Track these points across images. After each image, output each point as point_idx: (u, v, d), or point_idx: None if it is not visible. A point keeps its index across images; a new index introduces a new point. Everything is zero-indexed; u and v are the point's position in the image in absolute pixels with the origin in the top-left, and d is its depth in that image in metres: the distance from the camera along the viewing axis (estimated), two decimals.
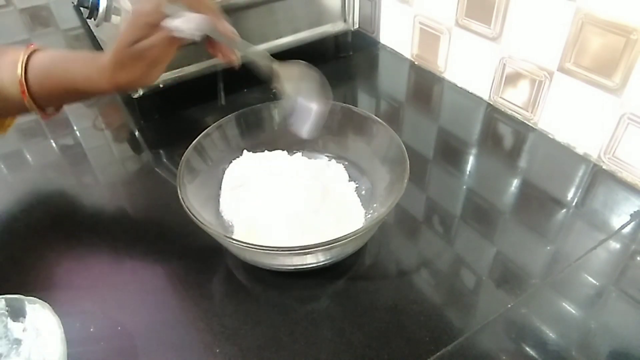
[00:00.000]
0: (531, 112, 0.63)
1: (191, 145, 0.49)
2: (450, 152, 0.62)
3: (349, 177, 0.54)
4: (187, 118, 0.70)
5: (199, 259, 0.48)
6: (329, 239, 0.39)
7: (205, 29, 0.42)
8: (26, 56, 0.46)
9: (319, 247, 0.40)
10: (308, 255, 0.43)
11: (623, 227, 0.50)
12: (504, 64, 0.64)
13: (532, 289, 0.44)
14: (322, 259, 0.44)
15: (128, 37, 0.42)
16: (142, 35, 0.42)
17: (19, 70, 0.45)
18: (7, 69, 0.46)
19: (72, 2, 0.94)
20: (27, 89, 0.46)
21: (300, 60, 0.48)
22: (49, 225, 0.54)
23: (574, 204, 0.53)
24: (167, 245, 0.50)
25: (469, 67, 0.70)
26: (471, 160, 0.60)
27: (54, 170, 0.62)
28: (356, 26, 0.79)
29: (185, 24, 0.41)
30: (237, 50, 0.45)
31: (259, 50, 0.46)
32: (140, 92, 0.65)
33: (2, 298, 0.38)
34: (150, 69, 0.44)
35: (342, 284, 0.46)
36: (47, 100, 0.48)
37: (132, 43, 0.42)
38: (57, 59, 0.47)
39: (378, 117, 0.51)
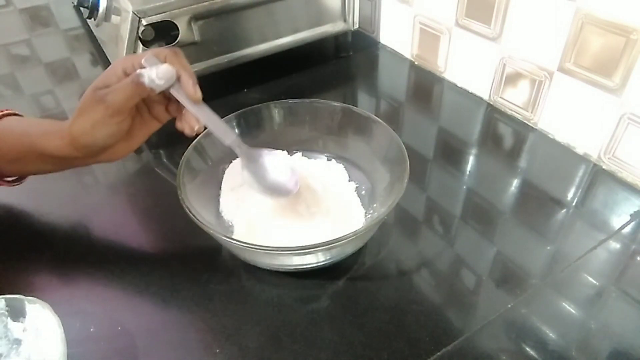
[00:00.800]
0: (531, 112, 0.63)
1: (191, 145, 0.49)
2: (450, 152, 0.62)
3: (349, 177, 0.54)
4: None
5: (199, 259, 0.48)
6: (329, 239, 0.39)
7: (169, 80, 0.40)
8: None
9: (319, 247, 0.40)
10: (308, 255, 0.43)
11: (623, 227, 0.50)
12: (504, 64, 0.64)
13: (532, 289, 0.44)
14: (322, 259, 0.44)
15: (98, 81, 0.41)
16: (112, 81, 0.41)
17: None
18: None
19: (72, 2, 0.94)
20: None
21: (274, 150, 0.46)
22: (48, 225, 0.54)
23: (574, 204, 0.53)
24: (167, 245, 0.50)
25: (469, 67, 0.70)
26: (471, 160, 0.60)
27: None
28: (356, 26, 0.79)
29: (151, 70, 0.40)
30: (198, 117, 0.43)
31: (222, 123, 0.44)
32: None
33: (2, 298, 0.38)
34: (107, 118, 0.40)
35: (342, 284, 0.46)
36: (4, 161, 0.46)
37: (100, 88, 0.40)
38: (24, 121, 0.46)
39: (378, 117, 0.51)
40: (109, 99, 0.40)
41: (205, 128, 0.44)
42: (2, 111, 0.47)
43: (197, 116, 0.42)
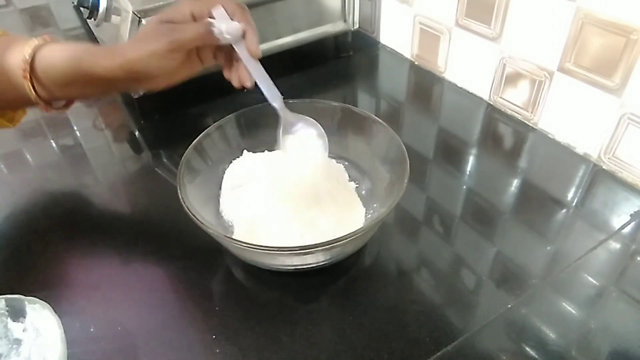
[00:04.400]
0: (531, 112, 0.63)
1: (191, 145, 0.49)
2: (450, 152, 0.62)
3: (349, 177, 0.54)
4: (187, 118, 0.70)
5: (199, 259, 0.48)
6: (329, 239, 0.39)
7: (236, 35, 0.43)
8: (39, 43, 0.44)
9: (319, 247, 0.40)
10: (308, 255, 0.43)
11: (623, 227, 0.50)
12: (504, 64, 0.64)
13: (532, 289, 0.44)
14: (322, 259, 0.44)
15: (163, 15, 0.43)
16: (177, 18, 0.42)
17: (26, 54, 0.43)
18: (17, 55, 0.44)
19: (72, 2, 0.94)
20: (31, 73, 0.44)
21: (309, 118, 0.48)
22: (49, 225, 0.54)
23: (574, 204, 0.53)
24: (167, 245, 0.50)
25: (469, 67, 0.70)
26: (471, 160, 0.60)
27: (54, 170, 0.62)
28: (356, 26, 0.79)
29: (220, 23, 0.42)
30: (252, 76, 0.45)
31: (272, 84, 0.46)
32: (141, 92, 0.65)
33: (2, 298, 0.38)
34: (166, 52, 0.41)
35: (342, 284, 0.46)
36: (51, 87, 0.45)
37: (165, 21, 0.42)
38: (69, 46, 0.45)
39: (378, 117, 0.51)
40: (176, 35, 0.41)
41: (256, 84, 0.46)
42: (44, 37, 0.46)
43: (252, 73, 0.45)
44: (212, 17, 0.43)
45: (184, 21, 0.43)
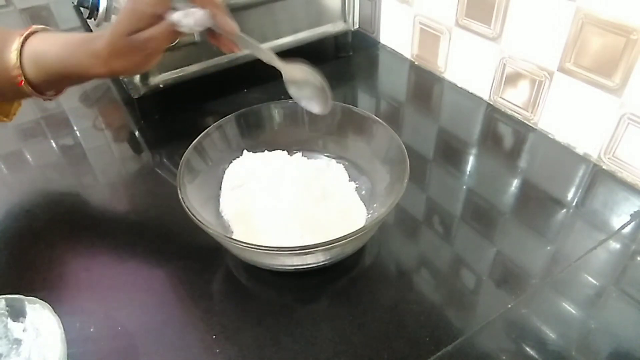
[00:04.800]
0: (531, 112, 0.63)
1: (191, 145, 0.49)
2: (450, 152, 0.62)
3: (349, 177, 0.54)
4: (187, 118, 0.70)
5: (199, 259, 0.48)
6: (329, 239, 0.39)
7: (206, 25, 0.42)
8: (21, 43, 0.45)
9: (319, 247, 0.40)
10: (308, 255, 0.43)
11: (623, 227, 0.50)
12: (504, 64, 0.64)
13: (532, 289, 0.44)
14: (322, 259, 0.44)
15: (127, 26, 0.41)
16: (143, 25, 0.41)
17: (15, 59, 0.44)
18: (7, 55, 0.45)
19: (72, 2, 0.93)
20: (24, 76, 0.45)
21: (302, 61, 0.48)
22: (49, 225, 0.54)
23: (574, 204, 0.53)
24: (167, 245, 0.50)
25: (469, 67, 0.70)
26: (471, 160, 0.60)
27: (54, 170, 0.62)
28: (356, 26, 0.79)
29: (187, 18, 0.41)
30: (237, 44, 0.45)
31: (261, 47, 0.46)
32: (141, 92, 0.65)
33: (2, 298, 0.38)
34: (147, 59, 0.44)
35: (342, 284, 0.46)
36: (45, 85, 0.47)
37: (131, 33, 0.41)
38: (51, 44, 0.46)
39: (378, 117, 0.51)
40: (151, 46, 0.42)
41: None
42: (29, 29, 0.46)
43: (238, 45, 0.45)
44: (174, 7, 0.41)
45: (148, 24, 0.41)
